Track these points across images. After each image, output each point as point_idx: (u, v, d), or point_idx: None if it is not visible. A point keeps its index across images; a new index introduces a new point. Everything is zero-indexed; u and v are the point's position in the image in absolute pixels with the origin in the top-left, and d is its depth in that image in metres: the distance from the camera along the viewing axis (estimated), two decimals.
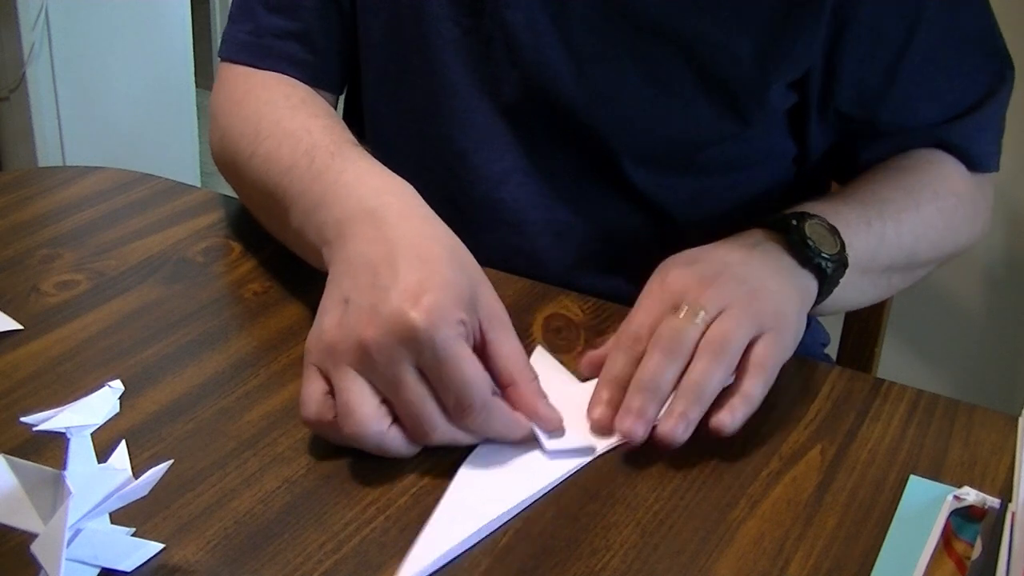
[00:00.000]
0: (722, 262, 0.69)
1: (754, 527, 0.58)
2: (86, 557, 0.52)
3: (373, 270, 0.61)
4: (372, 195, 0.67)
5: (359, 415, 0.59)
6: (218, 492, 0.59)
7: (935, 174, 0.85)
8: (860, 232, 0.76)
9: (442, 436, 0.60)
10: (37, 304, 0.75)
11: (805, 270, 0.71)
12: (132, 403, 0.65)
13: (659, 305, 0.67)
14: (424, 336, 0.58)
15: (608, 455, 0.63)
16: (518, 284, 0.79)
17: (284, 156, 0.74)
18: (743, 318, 0.65)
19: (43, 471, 0.49)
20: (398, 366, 0.58)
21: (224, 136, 0.82)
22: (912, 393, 0.70)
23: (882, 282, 0.82)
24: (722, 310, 0.65)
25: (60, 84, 2.33)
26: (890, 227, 0.78)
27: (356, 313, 0.60)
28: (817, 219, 0.73)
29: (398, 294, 0.59)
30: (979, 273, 1.75)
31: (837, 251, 0.72)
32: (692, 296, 0.66)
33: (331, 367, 0.60)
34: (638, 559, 0.56)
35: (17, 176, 0.95)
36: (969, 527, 0.59)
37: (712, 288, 0.66)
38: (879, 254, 0.78)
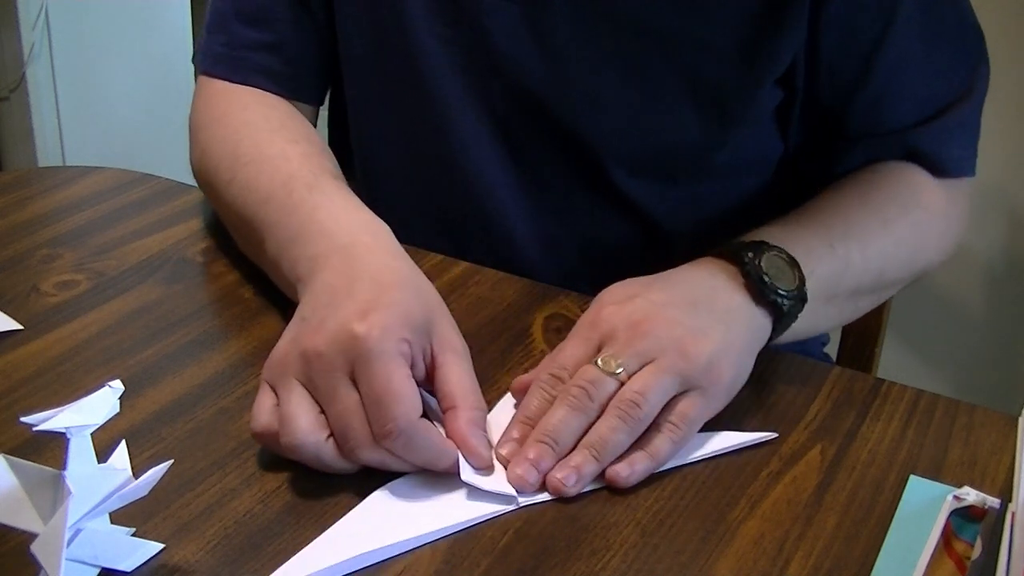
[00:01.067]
0: (661, 303, 0.65)
1: (754, 527, 0.58)
2: (86, 557, 0.52)
3: (331, 292, 0.62)
4: (344, 233, 0.67)
5: (295, 425, 0.58)
6: (218, 492, 0.59)
7: (904, 189, 0.82)
8: (823, 259, 0.72)
9: (369, 456, 0.58)
10: (37, 304, 0.75)
11: (759, 308, 0.68)
12: (132, 403, 0.65)
13: (584, 345, 0.64)
14: (362, 346, 0.58)
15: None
16: (518, 284, 0.79)
17: (262, 185, 0.74)
18: (665, 376, 0.61)
19: (43, 471, 0.49)
20: (333, 375, 0.58)
21: (204, 156, 0.82)
22: (912, 393, 0.70)
23: (848, 306, 0.79)
24: (646, 363, 0.62)
25: (60, 84, 2.33)
26: (855, 250, 0.75)
27: (306, 327, 0.61)
28: (776, 251, 0.69)
29: (347, 311, 0.60)
30: (979, 273, 1.75)
31: (795, 287, 0.69)
32: (619, 343, 0.63)
33: (278, 379, 0.60)
34: (638, 559, 0.56)
35: (17, 176, 0.95)
36: (969, 527, 0.59)
37: (639, 336, 0.63)
38: (844, 279, 0.75)
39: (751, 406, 0.67)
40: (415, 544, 0.56)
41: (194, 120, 0.86)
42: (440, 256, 0.82)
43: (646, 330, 0.63)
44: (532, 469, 0.60)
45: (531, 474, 0.59)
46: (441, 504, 0.58)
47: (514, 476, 0.59)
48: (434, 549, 0.56)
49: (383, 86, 0.86)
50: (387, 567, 0.54)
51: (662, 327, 0.63)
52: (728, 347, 0.64)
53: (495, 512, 0.58)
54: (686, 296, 0.66)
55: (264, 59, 0.85)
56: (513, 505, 0.59)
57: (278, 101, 0.84)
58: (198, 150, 0.83)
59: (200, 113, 0.85)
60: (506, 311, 0.76)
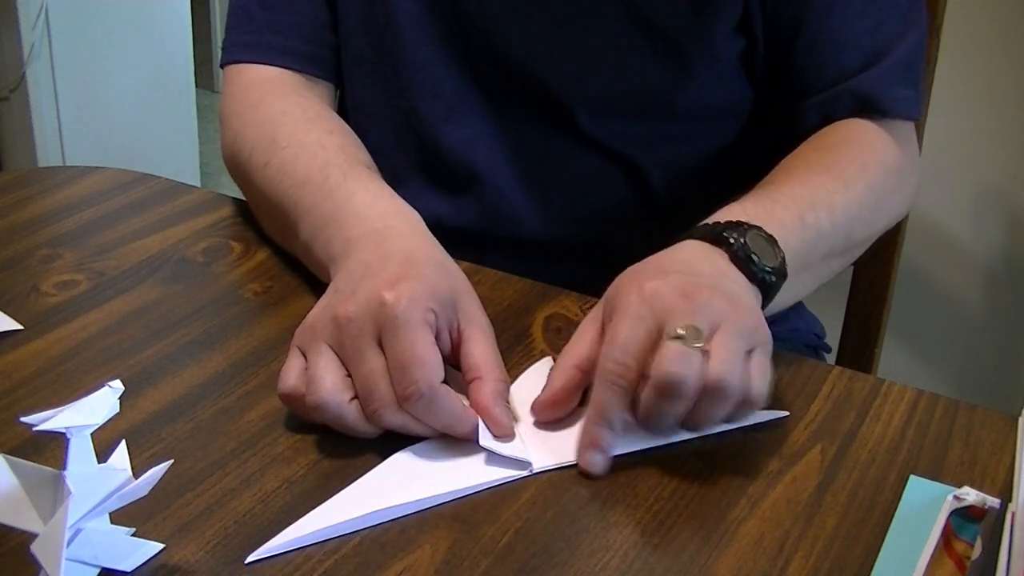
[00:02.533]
0: (695, 273, 0.66)
1: (754, 527, 0.58)
2: (86, 557, 0.52)
3: (364, 267, 0.66)
4: (379, 218, 0.71)
5: (321, 384, 0.61)
6: (218, 492, 0.59)
7: (860, 150, 0.84)
8: (796, 232, 0.74)
9: (392, 418, 0.60)
10: (37, 304, 0.75)
11: (751, 284, 0.69)
12: (132, 403, 0.65)
13: (644, 322, 0.62)
14: (390, 311, 0.61)
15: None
16: (518, 284, 0.79)
17: (299, 169, 0.77)
18: (738, 341, 0.62)
19: (43, 471, 0.49)
20: (362, 339, 0.61)
21: (237, 139, 0.84)
22: (912, 393, 0.70)
23: (823, 271, 0.80)
24: (714, 330, 0.61)
25: (60, 84, 2.33)
26: (823, 216, 0.76)
27: (338, 297, 0.64)
28: (755, 230, 0.70)
29: (378, 281, 0.63)
30: (979, 273, 1.75)
31: (778, 263, 0.70)
32: (684, 314, 0.61)
33: (308, 343, 0.63)
34: (638, 559, 0.56)
35: (17, 176, 0.95)
36: (969, 527, 0.59)
37: (699, 304, 0.62)
38: (817, 247, 0.76)
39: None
40: (428, 504, 0.58)
41: (226, 107, 0.88)
42: None
43: (704, 299, 0.62)
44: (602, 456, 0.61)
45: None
46: (456, 467, 0.61)
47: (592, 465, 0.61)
48: (434, 549, 0.56)
49: (373, 55, 0.90)
50: (387, 567, 0.54)
51: (713, 295, 0.63)
52: (757, 309, 0.67)
53: (509, 477, 0.60)
54: (707, 270, 0.67)
55: (286, 40, 0.89)
56: (528, 471, 0.61)
57: (311, 92, 0.88)
58: (231, 134, 0.86)
59: (233, 100, 0.88)
60: (506, 311, 0.76)
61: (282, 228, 0.79)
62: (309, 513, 0.57)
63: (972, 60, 1.58)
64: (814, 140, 0.85)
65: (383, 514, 0.57)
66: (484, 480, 0.60)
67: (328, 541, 0.56)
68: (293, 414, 0.64)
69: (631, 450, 0.63)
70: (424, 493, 0.59)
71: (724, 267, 0.68)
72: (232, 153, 0.85)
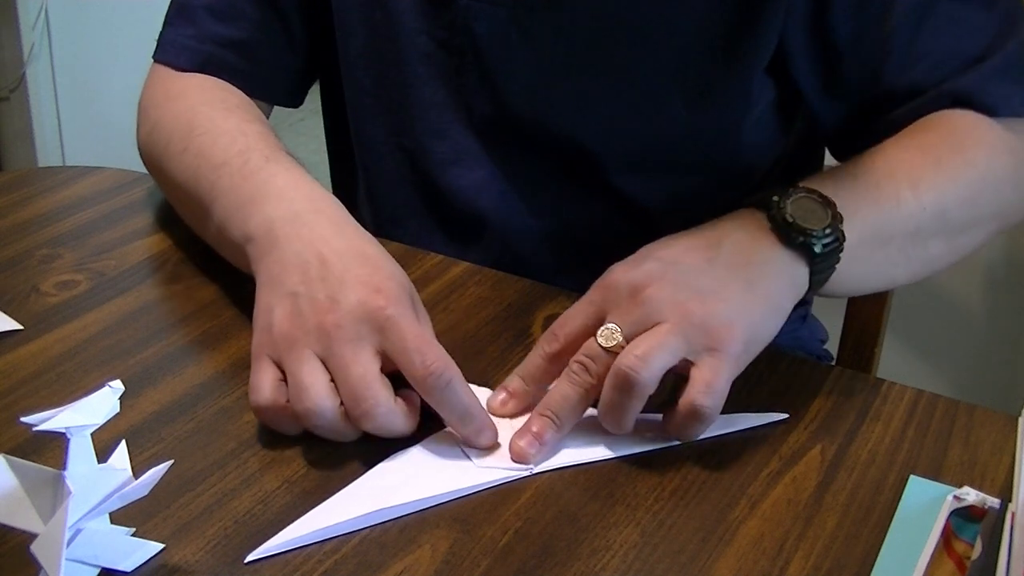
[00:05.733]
0: (671, 260, 0.64)
1: (754, 527, 0.58)
2: (86, 557, 0.52)
3: (319, 265, 0.64)
4: (304, 200, 0.69)
5: (314, 390, 0.60)
6: (218, 492, 0.59)
7: (955, 131, 0.77)
8: (868, 197, 0.69)
9: (386, 418, 0.60)
10: (37, 304, 0.75)
11: (789, 253, 0.65)
12: (132, 403, 0.65)
13: (588, 308, 0.65)
14: (383, 313, 0.61)
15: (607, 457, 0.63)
16: (518, 284, 0.79)
17: (217, 153, 0.75)
18: (664, 338, 0.60)
19: (43, 471, 0.49)
20: (359, 343, 0.60)
21: (155, 130, 0.83)
22: (912, 393, 0.70)
23: (917, 252, 0.73)
24: (648, 327, 0.61)
25: (60, 84, 2.33)
26: (905, 188, 0.71)
27: (311, 303, 0.62)
28: (804, 192, 0.67)
29: (353, 285, 0.62)
30: (979, 273, 1.75)
31: (827, 224, 0.65)
32: (619, 312, 0.62)
33: (285, 352, 0.61)
34: (638, 559, 0.56)
35: (17, 176, 0.95)
36: (969, 527, 0.59)
37: (639, 303, 0.62)
38: (898, 219, 0.71)
39: (751, 406, 0.67)
40: (427, 504, 0.58)
41: (146, 100, 0.86)
42: (440, 256, 0.82)
43: (647, 295, 0.62)
44: (534, 442, 0.62)
45: (533, 447, 0.62)
46: (455, 467, 0.61)
47: (516, 448, 0.62)
48: (434, 549, 0.56)
49: (376, 89, 0.87)
50: (387, 567, 0.54)
51: (665, 290, 0.62)
52: (744, 306, 0.63)
53: (508, 478, 0.61)
54: (704, 252, 0.65)
55: (228, 55, 0.86)
56: (528, 472, 0.61)
57: (235, 89, 0.85)
58: (148, 125, 0.84)
59: (154, 92, 0.86)
60: (506, 311, 0.76)
61: (195, 212, 0.77)
62: (308, 512, 0.57)
63: None
64: (905, 129, 0.77)
65: (383, 514, 0.57)
66: (483, 480, 0.60)
67: (328, 541, 0.56)
68: None
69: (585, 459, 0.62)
70: (423, 493, 0.59)
71: (735, 250, 0.65)
72: (148, 143, 0.83)
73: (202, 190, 0.74)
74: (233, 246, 0.71)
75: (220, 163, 0.74)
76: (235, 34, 0.86)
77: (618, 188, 0.84)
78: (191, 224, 0.80)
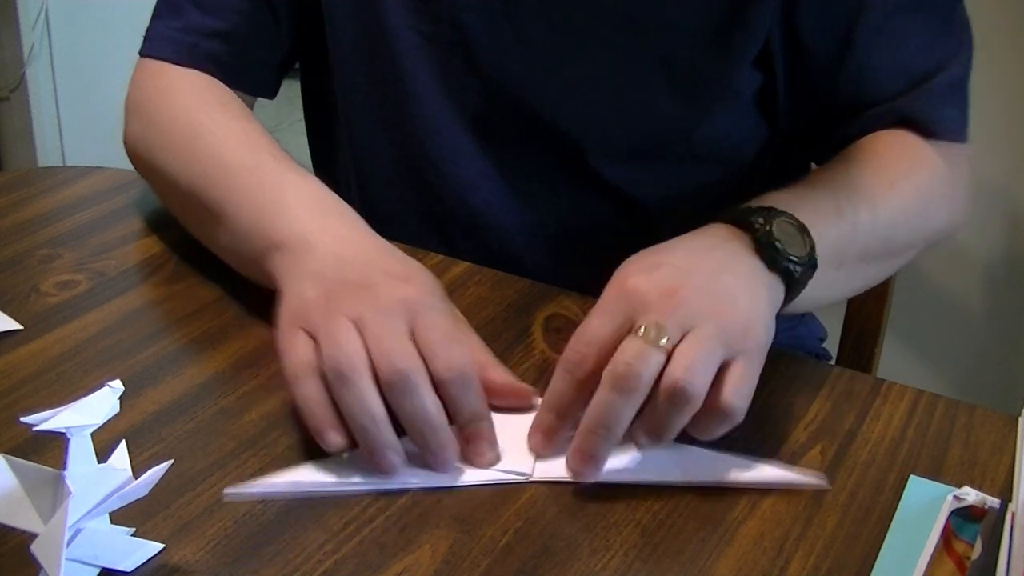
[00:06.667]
0: (687, 269, 0.63)
1: (754, 527, 0.58)
2: (86, 557, 0.52)
3: (353, 257, 0.65)
4: (329, 210, 0.70)
5: (346, 340, 0.59)
6: (218, 492, 0.59)
7: (907, 152, 0.80)
8: (831, 223, 0.71)
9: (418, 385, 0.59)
10: (37, 304, 0.75)
11: (772, 273, 0.66)
12: (132, 403, 0.65)
13: (614, 318, 0.61)
14: (421, 302, 0.62)
15: None
16: (518, 284, 0.79)
17: (226, 156, 0.75)
18: (709, 346, 0.59)
19: (43, 471, 0.49)
20: (394, 317, 0.60)
21: (148, 128, 0.82)
22: (912, 393, 0.70)
23: (858, 273, 0.77)
24: (687, 331, 0.59)
25: (60, 84, 2.32)
26: (864, 212, 0.73)
27: (347, 285, 0.63)
28: (785, 216, 0.67)
29: (391, 276, 0.63)
30: (979, 273, 1.75)
31: (807, 253, 0.67)
32: (655, 312, 0.59)
33: (320, 319, 0.61)
34: (638, 559, 0.56)
35: (17, 176, 0.95)
36: (969, 527, 0.59)
37: (676, 305, 0.60)
38: (854, 243, 0.73)
39: (751, 406, 0.67)
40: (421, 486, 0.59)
41: (135, 96, 0.86)
42: (440, 256, 0.82)
43: (682, 298, 0.60)
44: (591, 463, 0.59)
45: (589, 469, 0.60)
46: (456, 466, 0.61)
47: (574, 470, 0.60)
48: (434, 549, 0.56)
49: (368, 85, 0.87)
50: (387, 567, 0.54)
51: (696, 294, 0.61)
52: (756, 310, 0.63)
53: (506, 479, 0.60)
54: (709, 263, 0.64)
55: (214, 46, 0.85)
56: (522, 479, 0.61)
57: (226, 88, 0.85)
58: (139, 123, 0.83)
59: (144, 89, 0.85)
60: (506, 311, 0.76)
61: (198, 214, 0.76)
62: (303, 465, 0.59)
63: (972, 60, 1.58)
64: (857, 144, 0.81)
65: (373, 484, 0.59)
66: (482, 480, 0.60)
67: (328, 541, 0.56)
68: (293, 414, 0.64)
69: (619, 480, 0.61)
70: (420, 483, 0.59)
71: (736, 255, 0.65)
72: (140, 141, 0.83)
73: (212, 193, 0.74)
74: (251, 252, 0.71)
75: (232, 167, 0.74)
76: (220, 25, 0.85)
77: (610, 180, 0.85)
78: (189, 224, 0.80)
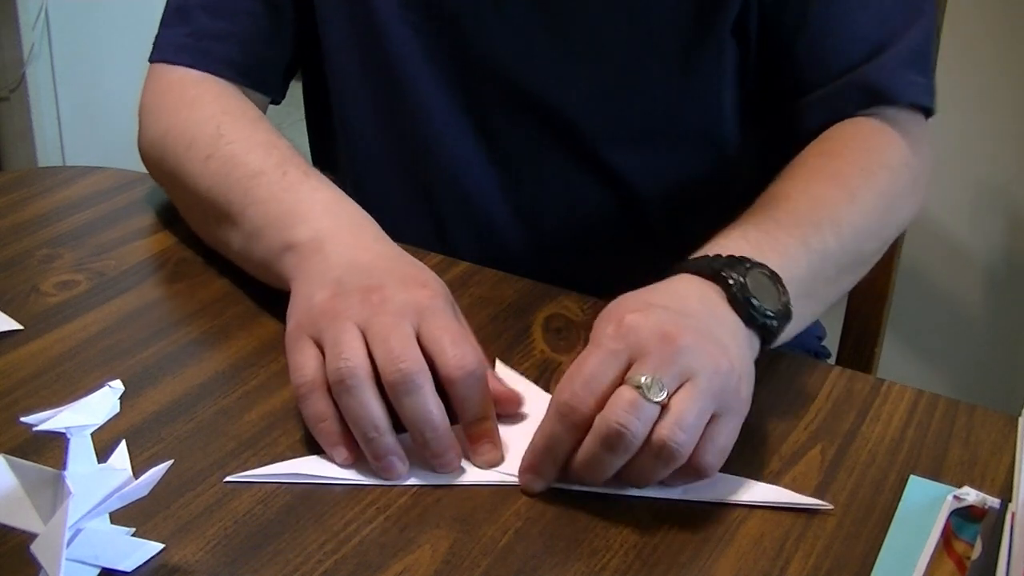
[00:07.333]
0: (681, 313, 0.61)
1: (754, 527, 0.58)
2: (86, 557, 0.52)
3: (367, 263, 0.66)
4: (347, 216, 0.72)
5: (350, 349, 0.60)
6: (218, 492, 0.59)
7: (864, 153, 0.79)
8: (801, 258, 0.69)
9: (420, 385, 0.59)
10: (37, 304, 0.75)
11: (749, 328, 0.64)
12: (132, 403, 0.65)
13: (612, 359, 0.58)
14: (431, 303, 0.62)
15: None
16: (518, 284, 0.79)
17: (252, 162, 0.75)
18: (703, 401, 0.57)
19: (43, 471, 0.49)
20: (401, 318, 0.61)
21: (168, 134, 0.82)
22: (912, 393, 0.70)
23: (831, 291, 0.75)
24: (684, 381, 0.58)
25: (60, 84, 2.32)
26: (829, 236, 0.72)
27: (356, 287, 0.63)
28: (758, 268, 0.65)
29: (400, 279, 0.64)
30: (979, 273, 1.75)
31: (782, 305, 0.65)
32: (654, 359, 0.57)
33: (325, 325, 0.62)
34: (638, 559, 0.56)
35: (17, 176, 0.95)
36: (969, 527, 0.59)
37: (675, 352, 0.58)
38: (824, 270, 0.72)
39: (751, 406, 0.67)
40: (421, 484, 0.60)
41: (153, 103, 0.86)
42: (440, 256, 0.82)
43: (681, 345, 0.58)
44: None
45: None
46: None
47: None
48: (434, 549, 0.56)
49: (360, 74, 0.88)
50: (387, 567, 0.54)
51: (694, 342, 0.59)
52: (744, 363, 0.62)
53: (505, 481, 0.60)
54: (697, 310, 0.63)
55: (226, 49, 0.86)
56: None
57: (241, 94, 0.85)
58: (159, 129, 0.83)
59: (163, 97, 0.85)
60: (506, 311, 0.76)
61: (215, 217, 0.77)
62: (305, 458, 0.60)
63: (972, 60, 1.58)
64: (816, 145, 0.80)
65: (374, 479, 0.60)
66: (482, 480, 0.60)
67: (328, 541, 0.56)
68: (293, 414, 0.64)
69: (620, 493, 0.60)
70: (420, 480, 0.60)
71: (717, 307, 0.64)
72: (160, 147, 0.83)
73: (232, 196, 0.74)
74: (265, 253, 0.72)
75: (256, 172, 0.74)
76: (230, 27, 0.86)
77: (600, 162, 0.86)
78: (203, 229, 0.80)
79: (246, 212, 0.73)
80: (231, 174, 0.75)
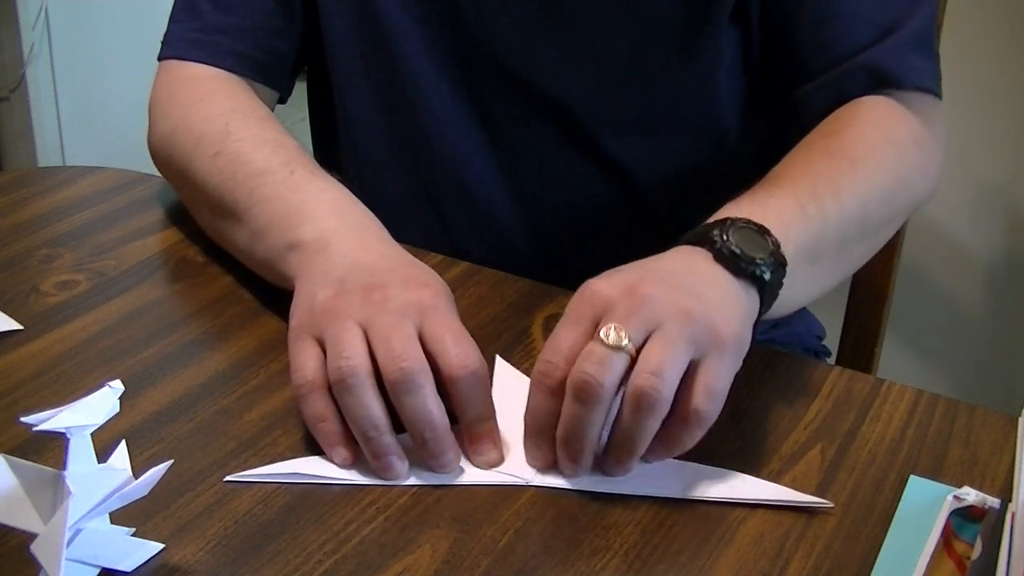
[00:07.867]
0: (649, 269, 0.62)
1: (754, 527, 0.58)
2: (86, 557, 0.52)
3: (371, 263, 0.66)
4: (354, 216, 0.72)
5: (350, 347, 0.60)
6: (218, 492, 0.59)
7: (868, 129, 0.78)
8: (796, 221, 0.68)
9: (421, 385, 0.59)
10: (37, 304, 0.75)
11: (741, 282, 0.63)
12: (132, 403, 0.65)
13: (578, 324, 0.59)
14: (433, 302, 0.62)
15: None
16: (518, 284, 0.79)
17: (258, 160, 0.76)
18: (676, 345, 0.57)
19: (43, 471, 0.49)
20: (403, 317, 0.61)
21: (178, 130, 0.82)
22: (912, 393, 0.70)
23: (842, 261, 0.74)
24: (652, 331, 0.58)
25: (60, 84, 2.32)
26: (829, 203, 0.71)
27: (358, 285, 0.63)
28: (741, 223, 0.65)
29: (403, 279, 0.64)
30: (979, 273, 1.75)
31: (770, 252, 0.64)
32: (618, 312, 0.58)
33: (326, 324, 0.62)
34: (638, 559, 0.56)
35: (17, 176, 0.95)
36: (969, 527, 0.59)
37: (639, 302, 0.58)
38: (827, 236, 0.71)
39: (751, 406, 0.67)
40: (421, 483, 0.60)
41: (163, 99, 0.86)
42: (440, 256, 0.82)
43: (644, 294, 0.58)
44: (578, 467, 0.59)
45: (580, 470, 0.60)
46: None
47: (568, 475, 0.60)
48: (434, 549, 0.56)
49: (362, 66, 0.88)
50: (387, 567, 0.54)
51: (659, 290, 0.59)
52: (726, 305, 0.61)
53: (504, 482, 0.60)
54: (672, 268, 0.63)
55: (236, 43, 0.86)
56: (522, 482, 0.61)
57: (251, 91, 0.85)
58: (168, 125, 0.83)
59: (173, 93, 0.85)
60: (506, 311, 0.76)
61: (221, 214, 0.77)
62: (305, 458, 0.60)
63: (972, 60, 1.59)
64: (820, 127, 0.79)
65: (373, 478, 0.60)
66: (482, 480, 0.60)
67: (328, 541, 0.56)
68: (293, 414, 0.64)
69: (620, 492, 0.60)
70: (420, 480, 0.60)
71: (700, 264, 0.63)
72: (169, 143, 0.83)
73: (238, 194, 0.75)
74: (269, 251, 0.72)
75: (262, 170, 0.75)
76: (239, 21, 0.86)
77: (602, 152, 0.86)
78: (209, 225, 0.81)
79: (252, 210, 0.73)
80: (238, 171, 0.76)
